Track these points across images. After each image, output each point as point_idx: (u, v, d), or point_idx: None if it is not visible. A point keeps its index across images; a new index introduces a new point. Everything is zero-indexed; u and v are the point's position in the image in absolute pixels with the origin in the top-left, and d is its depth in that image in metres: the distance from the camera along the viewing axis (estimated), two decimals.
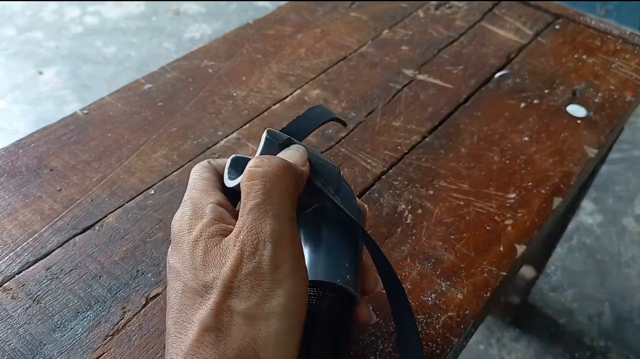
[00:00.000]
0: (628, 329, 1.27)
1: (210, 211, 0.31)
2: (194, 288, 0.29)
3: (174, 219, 0.32)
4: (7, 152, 0.56)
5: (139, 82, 0.65)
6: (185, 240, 0.30)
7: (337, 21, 0.77)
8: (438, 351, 0.41)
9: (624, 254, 1.43)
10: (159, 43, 2.14)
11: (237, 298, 0.28)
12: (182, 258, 0.30)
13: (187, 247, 0.30)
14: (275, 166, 0.31)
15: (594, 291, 1.34)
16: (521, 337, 1.26)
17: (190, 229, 0.31)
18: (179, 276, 0.30)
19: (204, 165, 0.36)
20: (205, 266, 0.29)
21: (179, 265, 0.30)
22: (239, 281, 0.28)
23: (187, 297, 0.29)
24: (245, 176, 0.31)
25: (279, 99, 0.64)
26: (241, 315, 0.28)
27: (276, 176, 0.30)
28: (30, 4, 2.31)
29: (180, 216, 0.32)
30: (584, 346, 1.24)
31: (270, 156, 0.32)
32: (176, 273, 0.30)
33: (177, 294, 0.29)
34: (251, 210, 0.29)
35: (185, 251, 0.30)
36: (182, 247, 0.30)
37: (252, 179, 0.30)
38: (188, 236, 0.30)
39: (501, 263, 0.47)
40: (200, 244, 0.30)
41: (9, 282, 0.45)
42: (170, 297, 0.30)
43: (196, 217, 0.31)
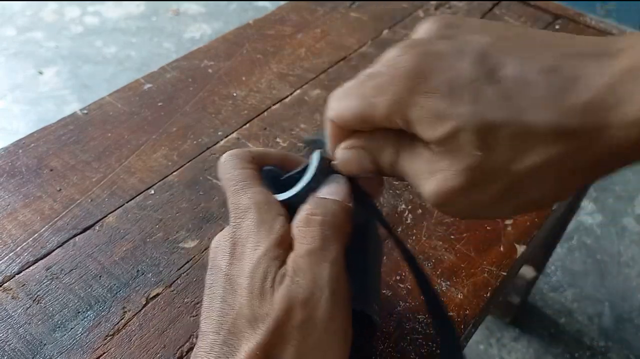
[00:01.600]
0: (628, 329, 1.27)
1: (280, 227, 0.29)
2: (248, 315, 0.27)
3: (239, 226, 0.30)
4: (7, 152, 0.56)
5: (139, 82, 0.65)
6: (248, 254, 0.29)
7: (337, 21, 0.77)
8: (438, 351, 0.41)
9: (624, 254, 1.43)
10: (159, 43, 2.14)
11: (287, 344, 0.27)
12: (242, 272, 0.28)
13: (249, 262, 0.28)
14: (334, 214, 0.30)
15: (594, 291, 1.35)
16: (521, 337, 1.26)
17: (257, 243, 0.29)
18: (235, 293, 0.28)
19: (247, 159, 0.33)
20: (261, 296, 0.27)
21: (238, 279, 0.28)
22: (291, 328, 0.27)
23: (240, 322, 0.28)
24: (302, 222, 0.29)
25: (279, 99, 0.64)
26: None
27: (335, 224, 0.29)
28: (30, 4, 2.31)
29: (247, 226, 0.30)
30: (584, 346, 1.24)
31: (325, 200, 0.30)
32: (232, 285, 0.29)
33: (230, 312, 0.28)
34: (307, 254, 0.28)
35: (246, 266, 0.28)
36: (244, 260, 0.29)
37: (309, 225, 0.29)
38: (252, 252, 0.29)
39: (501, 263, 0.47)
40: (263, 264, 0.28)
41: (9, 282, 0.45)
42: (217, 308, 0.29)
43: (265, 230, 0.29)
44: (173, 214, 0.50)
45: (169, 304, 0.43)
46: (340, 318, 0.28)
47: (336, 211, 0.30)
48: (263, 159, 0.34)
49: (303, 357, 0.27)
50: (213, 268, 0.31)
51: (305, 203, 0.30)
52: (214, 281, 0.30)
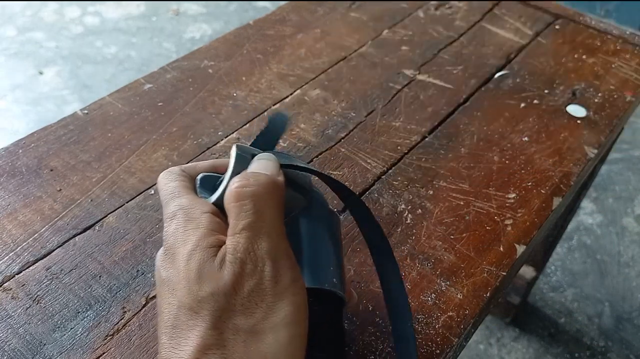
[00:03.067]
0: (628, 329, 1.27)
1: (207, 221, 0.30)
2: (188, 304, 0.28)
3: (167, 232, 0.31)
4: (7, 152, 0.56)
5: (139, 82, 0.65)
6: (180, 252, 0.29)
7: (337, 21, 0.77)
8: (438, 351, 0.41)
9: (624, 254, 1.43)
10: (159, 43, 2.14)
11: (241, 316, 0.28)
12: (177, 271, 0.29)
13: (182, 259, 0.29)
14: (264, 184, 0.31)
15: (593, 291, 1.34)
16: (521, 337, 1.26)
17: (185, 240, 0.30)
18: (174, 291, 0.29)
19: (177, 172, 0.34)
20: (200, 280, 0.28)
21: (174, 278, 0.29)
22: (241, 299, 0.28)
23: (182, 313, 0.28)
24: (232, 197, 0.30)
25: (279, 99, 0.64)
26: (248, 332, 0.28)
27: (266, 194, 0.30)
28: (31, 4, 2.31)
29: (174, 229, 0.31)
30: (583, 346, 1.24)
31: (254, 173, 0.31)
32: (170, 286, 0.29)
33: (172, 309, 0.29)
34: (244, 229, 0.29)
35: (180, 263, 0.29)
36: (176, 260, 0.29)
37: (240, 199, 0.30)
38: (183, 248, 0.29)
39: (501, 263, 0.47)
40: (196, 256, 0.29)
41: (9, 282, 0.45)
42: (164, 311, 0.29)
43: (192, 228, 0.30)
44: None
45: None
46: (287, 280, 0.29)
47: (267, 183, 0.31)
48: (194, 169, 0.35)
49: (258, 324, 0.28)
50: (157, 282, 0.31)
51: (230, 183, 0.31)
52: (158, 292, 0.31)
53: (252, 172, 0.32)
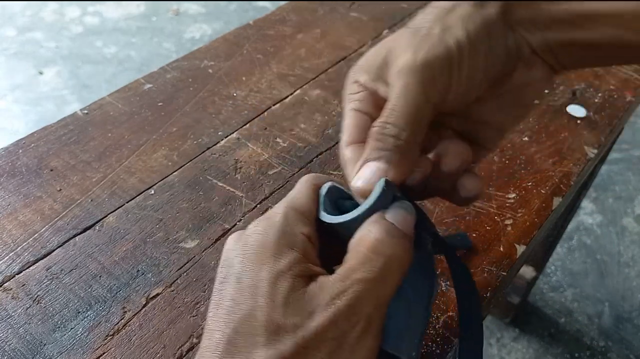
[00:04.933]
0: (628, 329, 1.27)
1: (302, 244, 0.29)
2: (262, 319, 0.26)
3: (256, 225, 0.30)
4: (7, 152, 0.56)
5: (139, 82, 0.65)
6: (269, 265, 0.28)
7: (337, 21, 0.77)
8: (438, 351, 0.41)
9: (624, 254, 1.43)
10: (159, 43, 2.14)
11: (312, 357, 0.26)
12: (259, 278, 0.27)
13: (269, 275, 0.27)
14: (403, 250, 0.28)
15: (593, 291, 1.35)
16: (521, 337, 1.26)
17: (278, 255, 0.28)
18: (249, 294, 0.27)
19: (315, 183, 0.33)
20: (285, 307, 0.26)
21: (257, 284, 0.27)
22: (319, 344, 0.26)
23: (250, 320, 0.26)
24: (368, 245, 0.28)
25: (279, 99, 0.64)
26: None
27: (398, 261, 0.28)
28: (31, 4, 2.32)
29: (265, 228, 0.29)
30: (584, 346, 1.24)
31: (397, 230, 0.29)
32: (246, 287, 0.27)
33: (240, 309, 0.27)
34: (360, 282, 0.27)
35: (266, 277, 0.27)
36: (262, 271, 0.28)
37: (374, 252, 0.28)
38: (274, 263, 0.28)
39: (501, 263, 0.47)
40: (286, 280, 0.27)
41: (9, 282, 0.45)
42: (226, 305, 0.27)
43: (285, 244, 0.28)
44: (173, 214, 0.51)
45: (169, 304, 0.43)
46: (367, 349, 0.27)
47: (406, 250, 0.29)
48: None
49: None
50: (226, 262, 0.30)
51: (370, 224, 0.29)
52: (226, 277, 0.29)
53: (396, 228, 0.29)
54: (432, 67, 0.29)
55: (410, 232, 0.30)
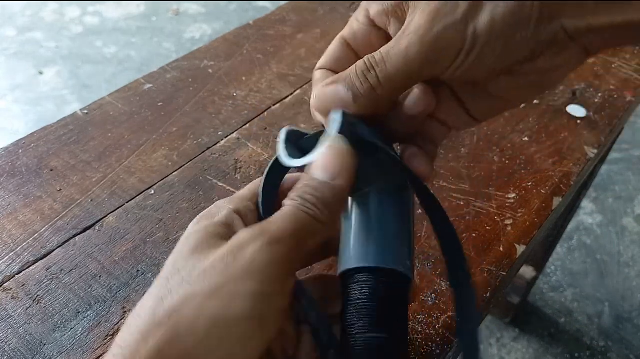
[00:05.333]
0: (628, 329, 1.27)
1: (224, 215, 0.30)
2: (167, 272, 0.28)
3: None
4: (7, 152, 0.56)
5: (139, 82, 0.65)
6: (187, 231, 0.30)
7: (337, 21, 0.77)
8: (438, 351, 0.41)
9: (624, 254, 1.43)
10: (159, 43, 2.14)
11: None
12: (178, 245, 0.30)
13: (183, 237, 0.30)
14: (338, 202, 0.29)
15: (594, 291, 1.35)
16: (521, 337, 1.26)
17: (198, 222, 0.30)
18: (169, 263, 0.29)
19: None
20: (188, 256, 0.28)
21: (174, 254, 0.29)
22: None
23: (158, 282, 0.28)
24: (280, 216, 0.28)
25: (279, 99, 0.64)
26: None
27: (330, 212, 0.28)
28: (31, 4, 2.32)
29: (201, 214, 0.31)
30: (584, 346, 1.24)
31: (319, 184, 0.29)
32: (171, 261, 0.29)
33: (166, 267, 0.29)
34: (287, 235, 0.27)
35: (181, 239, 0.30)
36: (184, 236, 0.30)
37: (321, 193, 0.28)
38: (190, 228, 0.30)
39: (501, 263, 0.47)
40: (192, 237, 0.29)
41: (9, 282, 0.45)
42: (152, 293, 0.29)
43: (209, 216, 0.31)
44: (173, 214, 0.51)
45: None
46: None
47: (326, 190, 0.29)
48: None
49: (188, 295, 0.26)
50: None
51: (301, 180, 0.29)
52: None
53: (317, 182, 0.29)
54: (440, 47, 0.28)
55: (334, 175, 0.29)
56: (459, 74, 0.30)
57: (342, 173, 0.29)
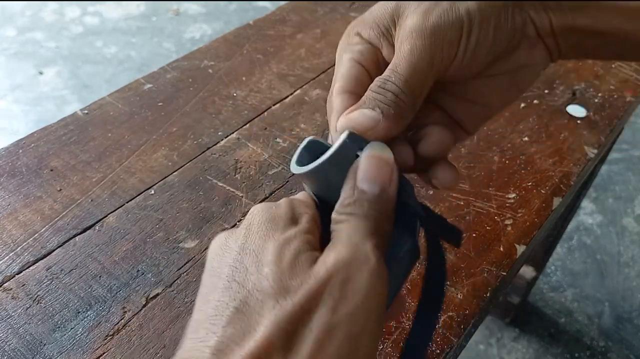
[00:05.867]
0: (628, 329, 1.27)
1: (307, 221, 0.28)
2: (266, 287, 0.25)
3: (258, 208, 0.29)
4: (7, 152, 0.56)
5: (139, 82, 0.65)
6: (275, 237, 0.27)
7: (337, 21, 0.77)
8: (438, 351, 0.41)
9: (624, 254, 1.43)
10: (159, 43, 2.14)
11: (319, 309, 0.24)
12: (264, 249, 0.26)
13: (276, 244, 0.26)
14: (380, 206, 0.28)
15: (594, 291, 1.35)
16: (521, 337, 1.26)
17: (284, 228, 0.27)
18: (251, 268, 0.26)
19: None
20: (291, 269, 0.25)
21: (261, 256, 0.26)
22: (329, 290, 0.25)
23: (253, 294, 0.25)
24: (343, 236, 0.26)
25: (279, 99, 0.64)
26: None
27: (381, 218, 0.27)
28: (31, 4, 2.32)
29: (269, 209, 0.29)
30: (583, 346, 1.24)
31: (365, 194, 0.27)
32: (248, 262, 0.26)
33: (242, 287, 0.25)
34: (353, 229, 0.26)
35: (271, 245, 0.26)
36: (267, 243, 0.27)
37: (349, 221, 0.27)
38: (279, 234, 0.27)
39: (501, 263, 0.47)
40: (292, 245, 0.26)
41: (9, 282, 0.45)
42: (220, 288, 0.26)
43: (290, 219, 0.28)
44: (173, 214, 0.51)
45: (169, 304, 0.43)
46: (379, 292, 0.26)
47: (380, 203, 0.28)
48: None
49: (333, 325, 0.24)
50: (223, 251, 0.28)
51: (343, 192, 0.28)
52: (219, 264, 0.28)
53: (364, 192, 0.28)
54: (441, 34, 0.29)
55: (386, 183, 0.28)
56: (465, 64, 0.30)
57: (393, 182, 0.28)
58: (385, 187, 0.28)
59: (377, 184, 0.28)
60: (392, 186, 0.29)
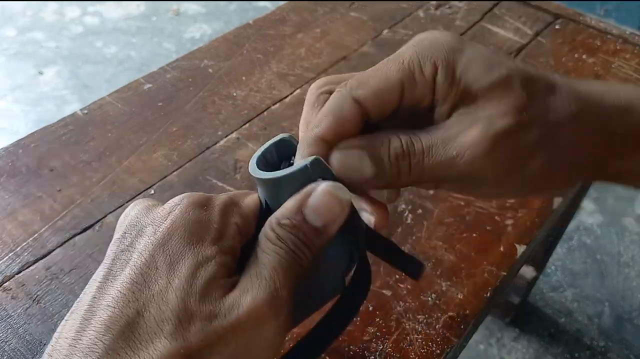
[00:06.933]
0: (628, 329, 1.27)
1: (232, 237, 0.27)
2: (175, 305, 0.23)
3: (191, 200, 0.27)
4: (7, 152, 0.56)
5: (139, 82, 0.65)
6: (196, 247, 0.25)
7: (337, 21, 0.77)
8: (438, 351, 0.41)
9: (624, 254, 1.43)
10: (159, 43, 2.14)
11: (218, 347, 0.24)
12: (179, 261, 0.25)
13: (194, 258, 0.25)
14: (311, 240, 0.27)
15: (594, 291, 1.34)
16: (521, 337, 1.26)
17: (208, 243, 0.26)
18: (166, 277, 0.24)
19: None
20: (203, 294, 0.24)
21: (174, 266, 0.24)
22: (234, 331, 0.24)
23: (161, 308, 0.23)
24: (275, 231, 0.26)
25: (279, 99, 0.64)
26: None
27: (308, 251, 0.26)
28: (31, 4, 2.31)
29: (201, 208, 0.27)
30: (583, 346, 1.24)
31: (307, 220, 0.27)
32: (166, 268, 0.24)
33: (151, 292, 0.24)
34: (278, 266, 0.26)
35: (189, 258, 0.25)
36: (186, 250, 0.25)
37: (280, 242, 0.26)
38: (201, 246, 0.25)
39: (501, 263, 0.47)
40: (210, 267, 0.25)
41: (9, 282, 0.45)
42: (132, 281, 0.24)
43: (218, 232, 0.26)
44: None
45: None
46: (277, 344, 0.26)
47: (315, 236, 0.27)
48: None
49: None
50: (134, 228, 0.27)
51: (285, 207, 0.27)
52: (132, 245, 0.26)
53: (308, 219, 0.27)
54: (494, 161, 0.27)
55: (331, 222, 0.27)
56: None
57: (337, 224, 0.27)
58: (328, 225, 0.27)
59: (322, 220, 0.27)
60: (334, 227, 0.27)
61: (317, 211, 0.27)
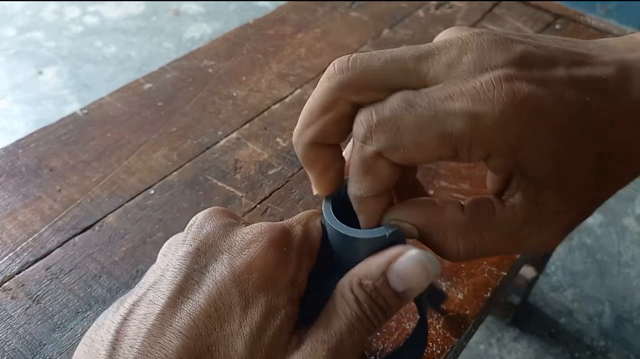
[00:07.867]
0: (628, 329, 1.27)
1: (300, 283, 0.26)
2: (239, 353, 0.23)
3: (273, 235, 0.26)
4: (7, 152, 0.56)
5: (139, 82, 0.65)
6: (269, 293, 0.24)
7: (337, 21, 0.77)
8: (438, 351, 0.41)
9: (624, 254, 1.43)
10: (159, 43, 2.14)
11: None
12: (252, 303, 0.24)
13: (267, 304, 0.24)
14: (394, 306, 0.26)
15: (594, 291, 1.34)
16: (521, 337, 1.26)
17: (282, 289, 0.25)
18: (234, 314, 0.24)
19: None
20: (270, 348, 0.23)
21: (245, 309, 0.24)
22: None
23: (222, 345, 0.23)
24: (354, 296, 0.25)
25: (279, 99, 0.64)
26: None
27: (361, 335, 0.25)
28: (30, 4, 2.31)
29: (281, 246, 0.25)
30: (584, 346, 1.24)
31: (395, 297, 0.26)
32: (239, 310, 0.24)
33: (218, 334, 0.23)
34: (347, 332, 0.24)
35: (262, 303, 0.24)
36: (260, 296, 0.24)
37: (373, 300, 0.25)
38: (276, 292, 0.24)
39: (502, 263, 0.47)
40: (279, 316, 0.24)
41: (8, 282, 0.45)
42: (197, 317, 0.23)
43: (292, 278, 0.25)
44: (173, 214, 0.50)
45: None
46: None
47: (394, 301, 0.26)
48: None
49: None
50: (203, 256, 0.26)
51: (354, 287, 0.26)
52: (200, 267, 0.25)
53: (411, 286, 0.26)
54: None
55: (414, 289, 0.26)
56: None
57: (417, 292, 0.26)
58: (409, 292, 0.26)
59: (406, 286, 0.26)
60: (414, 294, 0.26)
61: (403, 277, 0.26)
